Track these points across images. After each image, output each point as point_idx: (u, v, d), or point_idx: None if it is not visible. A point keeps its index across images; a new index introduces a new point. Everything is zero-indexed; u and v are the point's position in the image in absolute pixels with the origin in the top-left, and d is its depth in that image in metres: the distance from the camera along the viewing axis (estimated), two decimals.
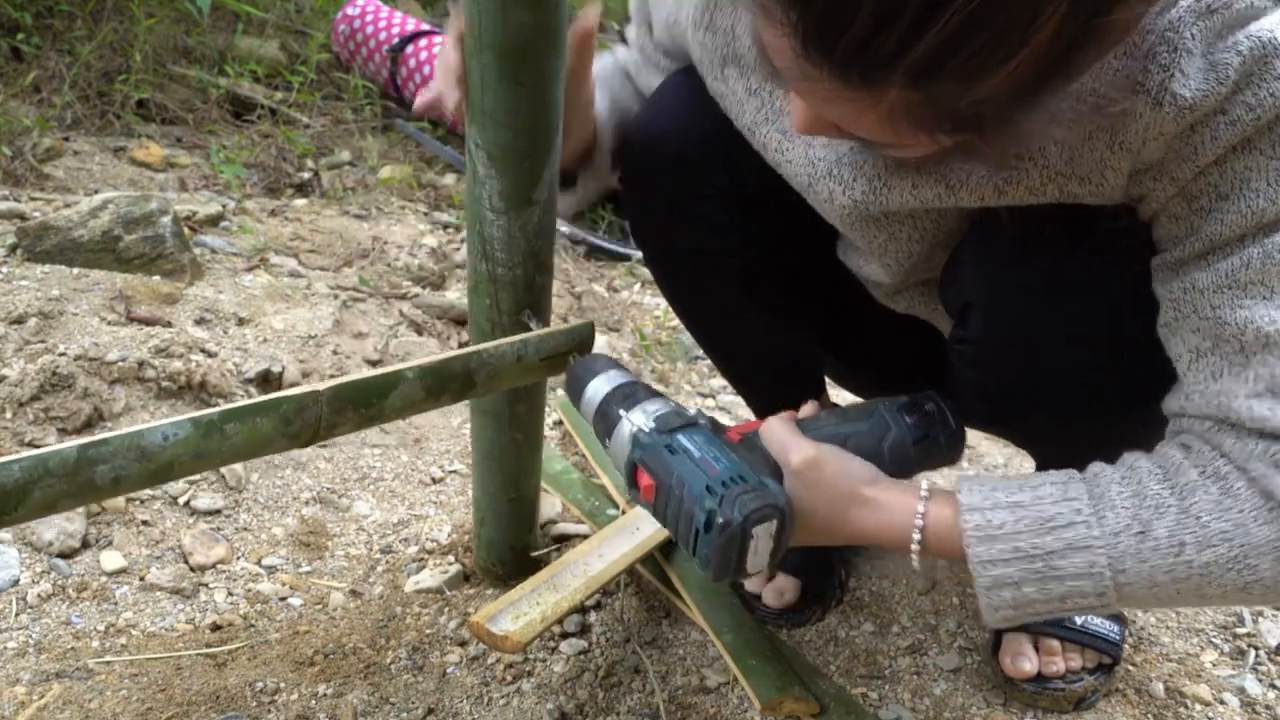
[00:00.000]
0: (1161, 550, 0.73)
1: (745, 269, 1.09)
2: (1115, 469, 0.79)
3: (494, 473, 1.17)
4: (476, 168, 0.92)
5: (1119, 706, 1.11)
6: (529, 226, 0.95)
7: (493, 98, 0.86)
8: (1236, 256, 0.72)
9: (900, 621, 1.24)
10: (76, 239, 1.73)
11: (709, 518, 0.76)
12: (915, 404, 0.91)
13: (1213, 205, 0.72)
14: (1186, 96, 0.68)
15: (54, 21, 2.64)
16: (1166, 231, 0.77)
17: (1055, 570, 0.76)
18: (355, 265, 2.12)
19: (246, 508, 1.38)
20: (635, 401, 0.90)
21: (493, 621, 1.05)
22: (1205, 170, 0.72)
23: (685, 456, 0.81)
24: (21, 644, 1.10)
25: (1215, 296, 0.73)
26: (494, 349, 0.93)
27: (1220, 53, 0.67)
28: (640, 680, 1.13)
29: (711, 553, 0.76)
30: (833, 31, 0.59)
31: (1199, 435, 0.76)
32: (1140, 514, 0.74)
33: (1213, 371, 0.74)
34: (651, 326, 2.25)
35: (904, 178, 0.85)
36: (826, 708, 1.05)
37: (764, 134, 0.95)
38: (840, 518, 0.83)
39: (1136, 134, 0.72)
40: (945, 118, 0.64)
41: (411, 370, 0.85)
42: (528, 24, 0.81)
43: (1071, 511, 0.75)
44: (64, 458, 0.65)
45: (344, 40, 3.16)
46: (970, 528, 0.78)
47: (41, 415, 1.36)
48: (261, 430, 0.75)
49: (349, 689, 1.08)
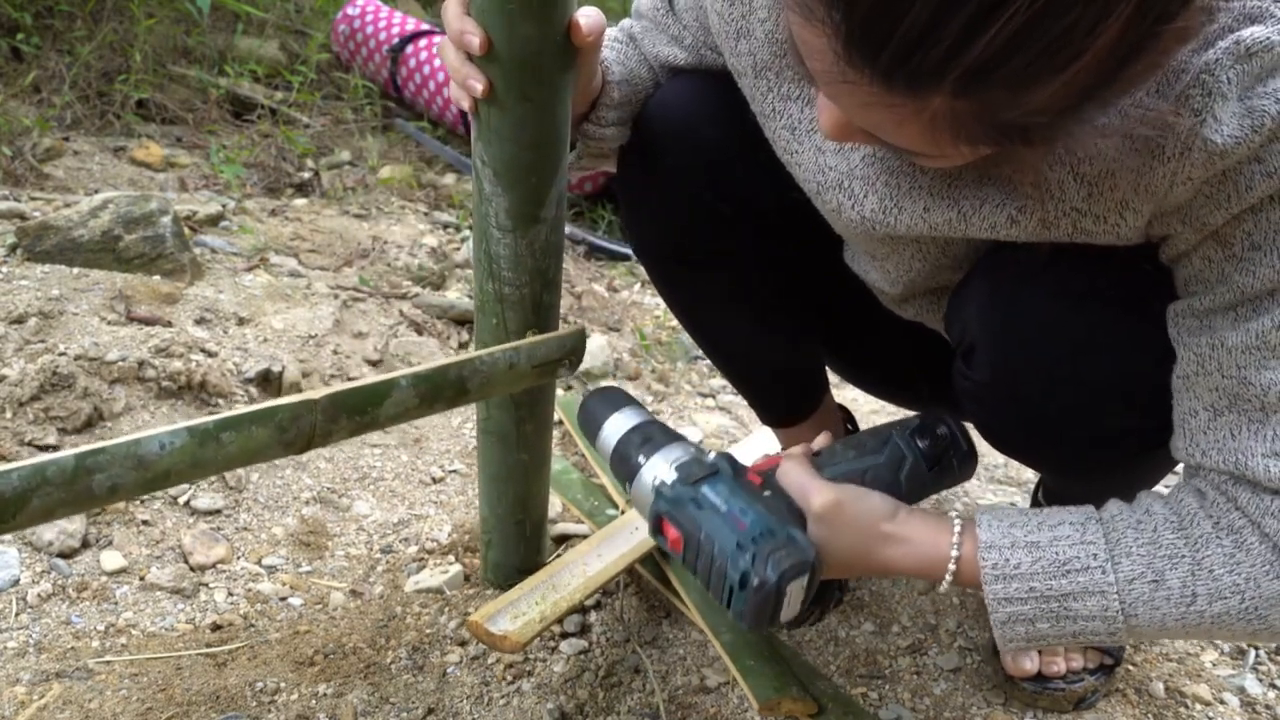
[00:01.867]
0: (1174, 600, 0.75)
1: (743, 275, 1.08)
2: (1132, 512, 0.79)
3: (501, 495, 1.16)
4: (483, 184, 0.91)
5: (1119, 706, 1.11)
6: (536, 244, 0.94)
7: (499, 113, 0.85)
8: (1267, 316, 0.70)
9: (900, 621, 1.24)
10: (76, 239, 1.73)
11: (743, 577, 0.78)
12: (928, 428, 0.91)
13: (1245, 254, 0.70)
14: (1218, 142, 0.65)
15: (54, 21, 2.64)
16: (1197, 273, 0.75)
17: (1069, 611, 0.78)
18: (355, 265, 2.12)
19: (246, 507, 1.38)
20: (655, 447, 0.90)
21: (492, 621, 1.05)
22: (1240, 217, 0.70)
23: (712, 511, 0.83)
24: (21, 644, 1.10)
25: (1243, 356, 0.72)
26: (487, 356, 0.93)
27: (1258, 99, 0.64)
28: (640, 680, 1.13)
29: (747, 609, 0.79)
30: (879, 34, 0.55)
31: (1214, 486, 0.77)
32: (1154, 563, 0.75)
33: (1231, 429, 0.74)
34: (651, 326, 2.25)
35: (916, 200, 0.82)
36: (824, 708, 1.05)
37: (773, 129, 0.93)
38: (865, 554, 0.84)
39: (1164, 178, 0.69)
40: (991, 128, 0.60)
41: (405, 378, 0.85)
42: (534, 38, 0.80)
43: (1088, 556, 0.77)
44: (62, 466, 0.65)
45: (344, 40, 3.16)
46: (989, 566, 0.79)
47: (41, 415, 1.36)
48: (257, 438, 0.76)
49: (349, 689, 1.08)
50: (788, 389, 1.29)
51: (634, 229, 1.11)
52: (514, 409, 1.07)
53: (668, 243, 1.08)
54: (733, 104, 0.97)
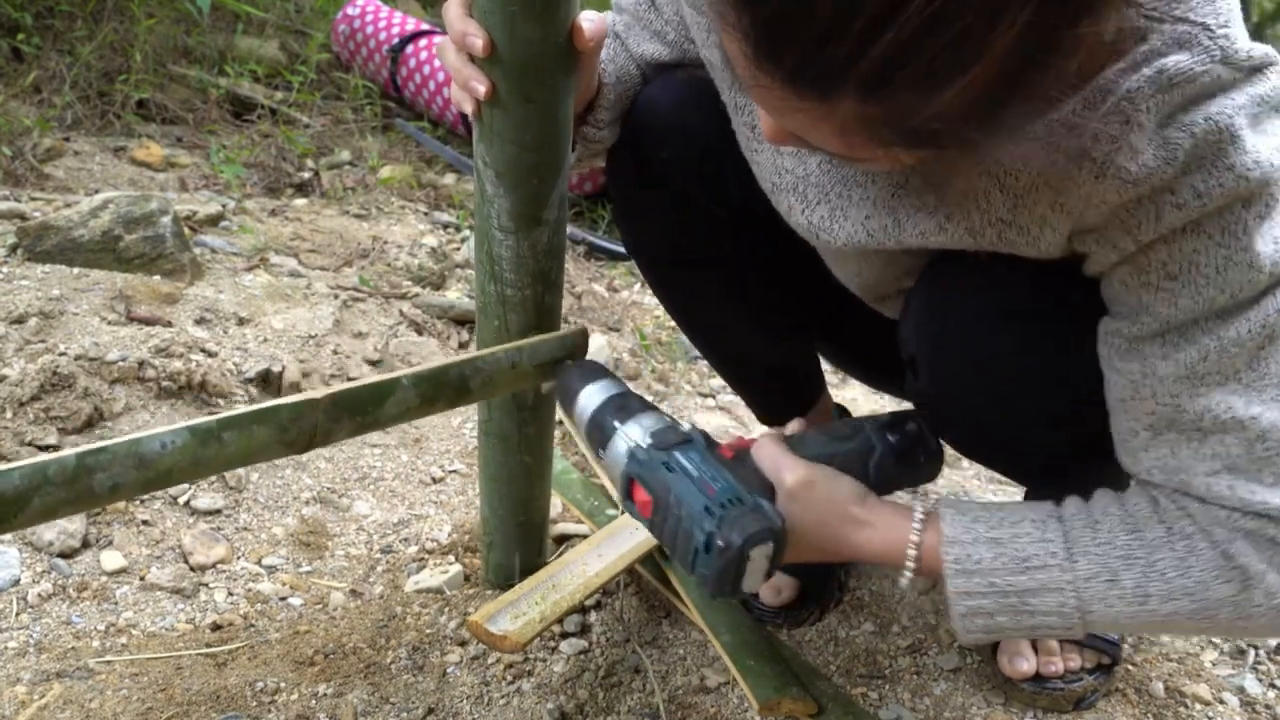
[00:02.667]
0: (1127, 598, 0.77)
1: (736, 272, 1.09)
2: (1089, 512, 0.81)
3: (503, 496, 1.17)
4: (485, 186, 0.91)
5: (1119, 706, 1.11)
6: (538, 246, 0.94)
7: (501, 114, 0.85)
8: (1194, 348, 0.72)
9: (900, 621, 1.24)
10: (77, 239, 1.74)
11: (708, 539, 0.78)
12: (898, 423, 0.94)
13: (1161, 284, 0.72)
14: (1132, 171, 0.66)
15: (54, 22, 2.64)
16: (1117, 295, 0.77)
17: (1028, 606, 0.80)
18: (355, 265, 2.12)
19: (246, 507, 1.38)
20: (630, 414, 0.90)
21: (492, 621, 1.05)
22: (1153, 246, 0.71)
23: (683, 475, 0.83)
24: (22, 644, 1.10)
25: (1175, 385, 0.74)
26: (488, 356, 0.93)
27: (1174, 129, 0.65)
28: (640, 680, 1.13)
29: (710, 572, 0.79)
30: (783, 38, 0.56)
31: (1166, 494, 0.79)
32: (1109, 563, 0.78)
33: (1171, 448, 0.77)
34: (651, 326, 2.25)
35: (861, 208, 0.84)
36: (825, 708, 1.05)
37: (736, 124, 0.95)
38: (832, 535, 0.86)
39: (1079, 199, 0.71)
40: (901, 133, 0.60)
41: (407, 378, 0.85)
42: (536, 40, 0.80)
43: (1047, 554, 0.79)
44: (63, 465, 0.65)
45: (344, 40, 3.16)
46: (950, 560, 0.81)
47: (42, 415, 1.36)
48: (258, 438, 0.76)
49: (349, 689, 1.08)
50: (784, 387, 1.29)
51: (627, 227, 1.12)
52: (516, 411, 1.07)
53: (663, 241, 1.09)
54: (718, 98, 0.98)
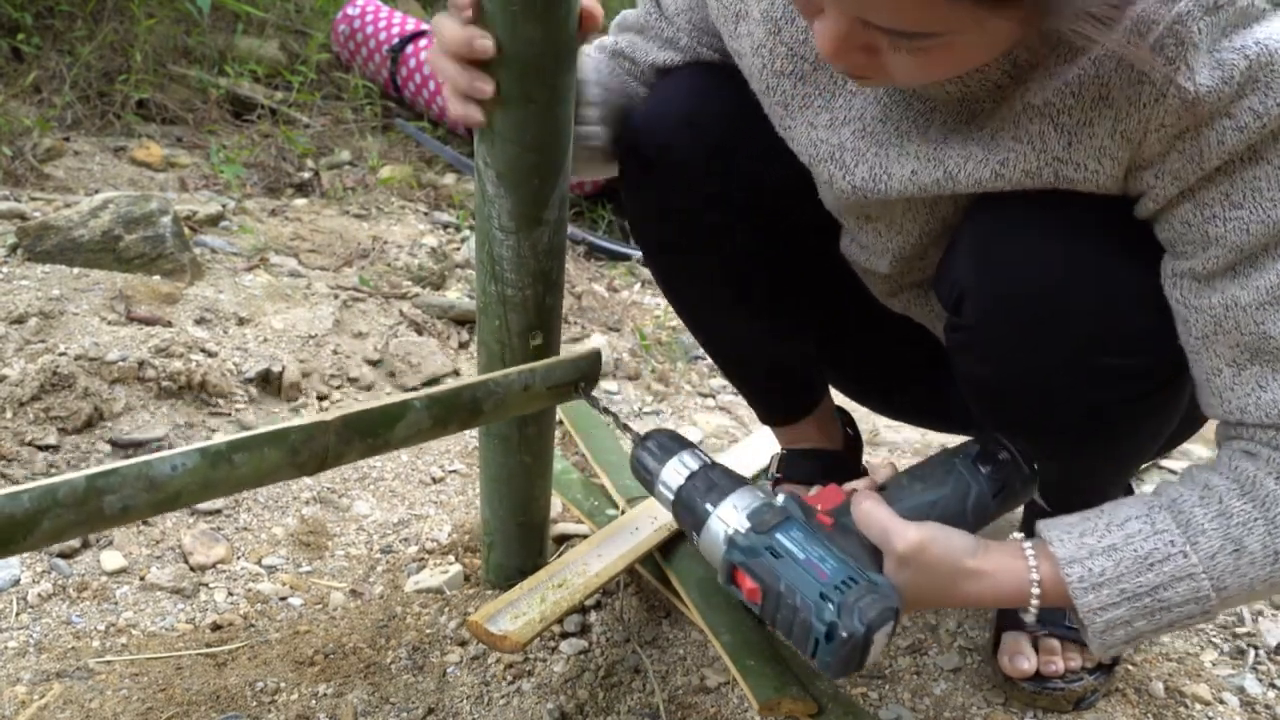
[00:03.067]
0: (1259, 563, 0.77)
1: (739, 269, 1.09)
2: (1190, 489, 0.81)
3: (503, 496, 1.17)
4: (485, 186, 0.91)
5: (1119, 706, 1.11)
6: (539, 246, 0.94)
7: (502, 114, 0.85)
8: (1271, 271, 0.73)
9: (900, 621, 1.24)
10: (77, 239, 1.74)
11: (830, 630, 0.77)
12: (989, 454, 0.91)
13: (1228, 214, 0.73)
14: (1191, 90, 0.68)
15: (54, 21, 2.64)
16: (1179, 236, 0.77)
17: (1162, 602, 0.79)
18: (355, 265, 2.12)
19: (246, 507, 1.38)
20: (721, 494, 0.89)
21: (491, 621, 1.05)
22: (1213, 177, 0.73)
23: (790, 559, 0.81)
24: (22, 644, 1.10)
25: (1259, 313, 0.74)
26: (501, 378, 0.93)
27: (1226, 52, 0.68)
28: (640, 680, 1.13)
29: (834, 660, 0.78)
30: None
31: (1263, 443, 0.79)
32: (1229, 532, 0.77)
33: (1258, 381, 0.77)
34: (651, 326, 2.25)
35: (904, 165, 0.86)
36: (824, 708, 1.05)
37: (769, 104, 0.96)
38: (948, 592, 0.85)
39: (1139, 124, 0.72)
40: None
41: (419, 400, 0.85)
42: (538, 39, 0.81)
43: (1165, 544, 0.79)
44: (73, 487, 0.65)
45: (344, 40, 3.16)
46: (1074, 580, 0.81)
47: (42, 415, 1.36)
48: (269, 460, 0.75)
49: (349, 689, 1.08)
50: (784, 387, 1.29)
51: (635, 214, 1.12)
52: None
53: (671, 234, 1.09)
54: (729, 88, 0.98)
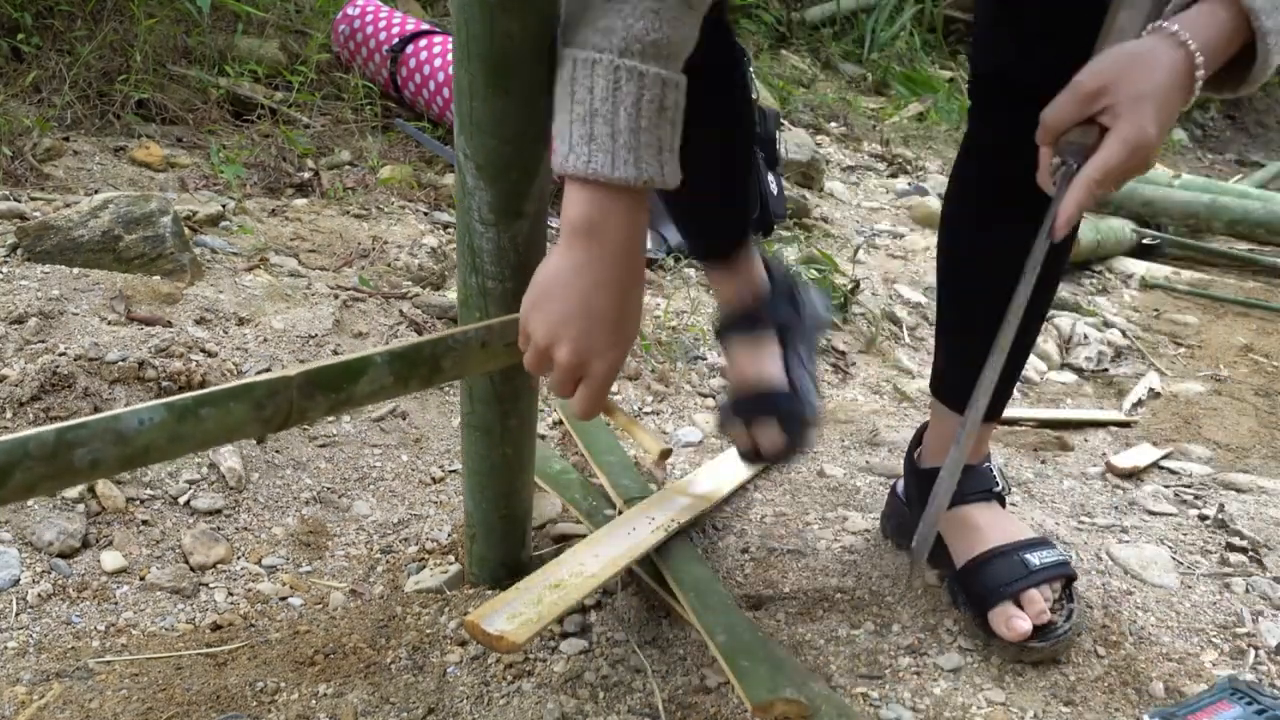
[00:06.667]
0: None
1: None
2: None
3: (485, 489, 1.18)
4: (465, 178, 0.92)
5: (1119, 705, 1.11)
6: (519, 239, 0.95)
7: (481, 106, 0.87)
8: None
9: (900, 621, 1.24)
10: (76, 239, 1.74)
11: None
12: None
13: None
14: None
15: (54, 21, 2.63)
16: None
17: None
18: (355, 265, 2.12)
19: (246, 507, 1.38)
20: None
21: (488, 621, 1.05)
22: None
23: None
24: (22, 644, 1.10)
25: None
26: (460, 334, 0.94)
27: None
28: (640, 680, 1.13)
29: None
30: None
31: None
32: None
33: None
34: (651, 326, 2.25)
35: None
36: (819, 709, 1.05)
37: None
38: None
39: None
40: None
41: (380, 355, 0.87)
42: (515, 32, 0.82)
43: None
44: (43, 441, 0.67)
45: (344, 40, 3.15)
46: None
47: (42, 415, 1.36)
48: (235, 415, 0.77)
49: (349, 689, 1.08)
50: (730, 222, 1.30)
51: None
52: (497, 403, 1.09)
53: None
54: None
